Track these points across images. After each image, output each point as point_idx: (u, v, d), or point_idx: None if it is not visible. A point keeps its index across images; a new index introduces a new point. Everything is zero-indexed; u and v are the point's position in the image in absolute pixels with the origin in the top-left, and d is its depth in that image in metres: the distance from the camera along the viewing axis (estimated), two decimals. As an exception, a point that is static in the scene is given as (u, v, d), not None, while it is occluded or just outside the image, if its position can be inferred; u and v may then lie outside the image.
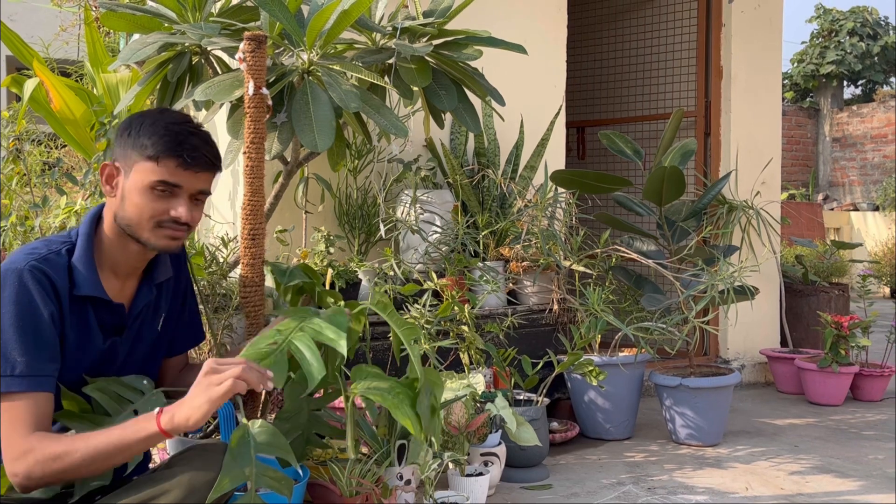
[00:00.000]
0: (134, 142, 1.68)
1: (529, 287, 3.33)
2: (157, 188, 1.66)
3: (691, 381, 3.20)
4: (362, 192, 3.23)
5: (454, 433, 2.41)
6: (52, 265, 1.62)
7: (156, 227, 1.68)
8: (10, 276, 1.57)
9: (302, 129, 2.22)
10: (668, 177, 3.30)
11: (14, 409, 1.53)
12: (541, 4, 3.86)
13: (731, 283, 3.12)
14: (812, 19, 14.73)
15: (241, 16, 2.53)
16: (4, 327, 1.55)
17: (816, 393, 4.00)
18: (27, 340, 1.55)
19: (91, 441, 1.51)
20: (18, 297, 1.56)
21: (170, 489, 1.51)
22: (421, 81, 2.44)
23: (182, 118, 1.74)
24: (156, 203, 1.67)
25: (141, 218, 1.67)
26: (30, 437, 1.52)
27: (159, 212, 1.67)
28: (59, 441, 1.52)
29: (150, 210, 1.66)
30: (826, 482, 2.78)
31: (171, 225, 1.69)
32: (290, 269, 2.09)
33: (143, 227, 1.68)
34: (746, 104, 4.51)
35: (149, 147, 1.66)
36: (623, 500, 2.58)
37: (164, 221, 1.68)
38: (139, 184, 1.66)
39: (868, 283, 4.44)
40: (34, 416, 1.54)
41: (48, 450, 1.50)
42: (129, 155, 1.68)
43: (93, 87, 3.52)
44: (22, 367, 1.54)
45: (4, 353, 1.54)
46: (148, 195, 1.66)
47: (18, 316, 1.56)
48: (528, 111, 3.66)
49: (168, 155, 1.66)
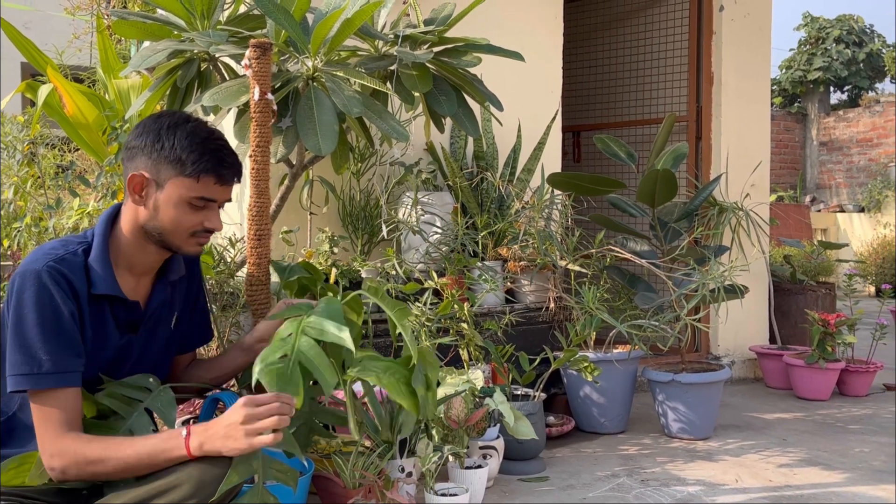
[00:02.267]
0: (169, 155, 1.68)
1: (527, 286, 3.33)
2: (196, 202, 1.70)
3: (683, 377, 3.20)
4: (365, 195, 3.23)
5: (454, 427, 2.40)
6: (69, 265, 1.62)
7: (191, 236, 1.73)
8: (30, 277, 1.58)
9: (306, 133, 2.22)
10: (661, 179, 3.30)
11: (46, 406, 1.55)
12: (538, 13, 3.86)
13: (722, 282, 3.12)
14: (800, 27, 14.72)
15: (247, 24, 2.53)
16: (29, 327, 1.55)
17: (804, 388, 4.00)
18: (51, 339, 1.56)
19: (122, 453, 1.53)
20: (39, 297, 1.57)
21: (181, 483, 1.51)
22: (422, 87, 2.44)
23: (212, 132, 1.75)
24: (192, 216, 1.71)
25: (177, 229, 1.70)
26: (65, 437, 1.54)
27: (195, 224, 1.71)
28: (92, 447, 1.54)
29: (188, 223, 1.70)
30: (813, 474, 2.78)
31: (203, 234, 1.74)
32: (291, 266, 2.09)
33: (179, 237, 1.71)
34: (736, 109, 4.51)
35: (188, 165, 1.68)
36: (617, 491, 2.58)
37: (198, 232, 1.73)
38: (176, 197, 1.69)
39: (854, 282, 4.44)
40: (65, 413, 1.56)
41: (82, 454, 1.53)
42: (164, 168, 1.68)
43: (105, 92, 3.52)
44: (48, 365, 1.55)
45: (31, 353, 1.54)
46: (184, 208, 1.69)
47: (41, 315, 1.56)
48: (525, 116, 3.66)
49: (209, 175, 1.69)
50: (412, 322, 2.53)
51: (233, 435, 1.50)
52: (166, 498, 1.51)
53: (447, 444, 2.37)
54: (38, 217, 3.20)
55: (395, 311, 1.85)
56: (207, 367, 1.96)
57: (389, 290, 2.81)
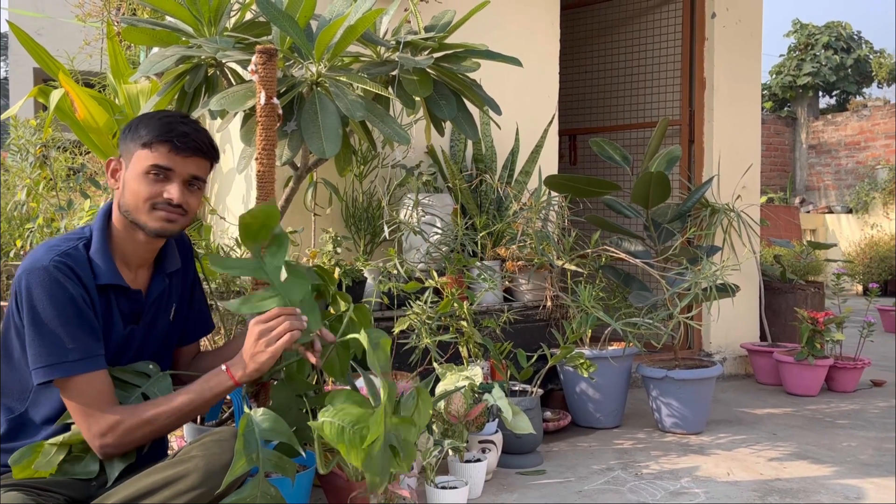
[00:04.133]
0: (133, 135, 1.73)
1: (524, 285, 3.32)
2: (152, 172, 1.70)
3: (676, 373, 3.20)
4: (367, 196, 3.23)
5: (454, 422, 2.40)
6: (73, 258, 1.64)
7: (151, 209, 1.71)
8: (38, 273, 1.59)
9: (311, 136, 2.22)
10: (655, 181, 3.30)
11: (81, 392, 1.58)
12: (535, 20, 3.86)
13: (714, 281, 3.12)
14: (789, 34, 14.72)
15: (253, 30, 2.53)
16: (47, 320, 1.56)
17: (793, 384, 4.00)
18: (73, 326, 1.58)
19: (174, 403, 1.62)
20: (52, 290, 1.58)
21: (188, 473, 1.53)
22: (422, 92, 2.44)
23: (177, 114, 1.79)
24: (151, 187, 1.70)
25: (137, 201, 1.70)
26: (109, 413, 1.59)
27: (154, 194, 1.70)
28: (142, 409, 1.61)
29: (145, 193, 1.69)
30: (802, 468, 2.78)
31: (165, 206, 1.71)
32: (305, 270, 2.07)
33: (140, 210, 1.70)
34: (728, 113, 4.51)
35: (143, 136, 1.70)
36: (612, 484, 2.58)
37: (159, 203, 1.70)
38: (136, 171, 1.71)
39: (842, 281, 4.44)
40: (102, 394, 1.60)
41: (138, 417, 1.60)
42: (129, 148, 1.73)
43: (115, 97, 3.52)
44: (76, 353, 1.57)
45: (55, 343, 1.56)
46: (143, 180, 1.69)
47: (57, 307, 1.57)
48: (523, 120, 3.66)
49: (160, 140, 1.70)
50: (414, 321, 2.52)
51: (258, 351, 1.64)
52: (175, 487, 1.52)
53: (447, 438, 2.37)
54: (50, 218, 3.20)
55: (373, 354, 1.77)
56: (214, 358, 1.97)
57: (391, 289, 2.81)
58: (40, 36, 4.11)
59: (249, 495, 1.54)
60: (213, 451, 1.56)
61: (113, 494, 1.54)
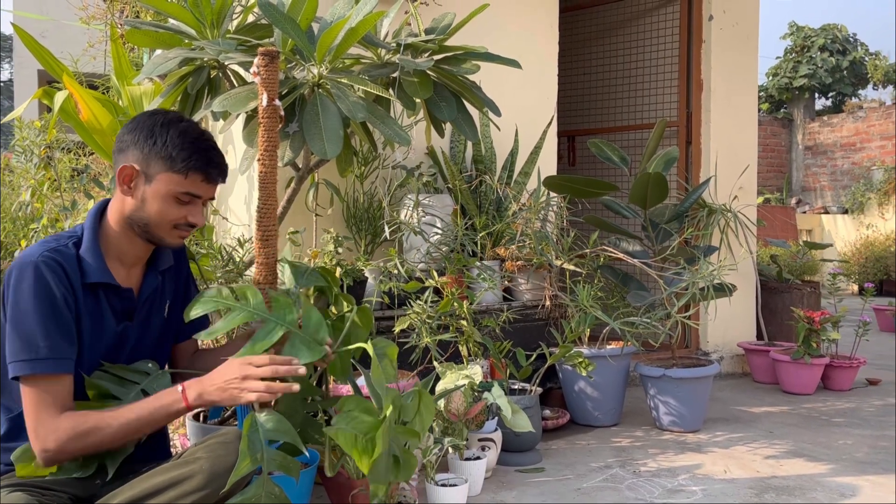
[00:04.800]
0: (161, 152, 1.71)
1: (524, 284, 3.32)
2: (181, 198, 1.73)
3: (674, 372, 3.20)
4: (368, 197, 3.23)
5: (454, 420, 2.40)
6: (62, 255, 1.65)
7: (173, 229, 1.75)
8: (28, 267, 1.59)
9: (312, 137, 2.22)
10: (653, 182, 3.30)
11: (42, 389, 1.56)
12: (534, 22, 3.86)
13: (711, 281, 3.12)
14: (786, 36, 14.72)
15: (255, 33, 2.53)
16: (28, 316, 1.56)
17: (790, 383, 4.00)
18: (48, 326, 1.57)
19: (121, 417, 1.57)
20: (37, 286, 1.58)
21: (194, 474, 1.53)
22: (423, 94, 2.44)
23: (202, 132, 1.78)
24: (177, 210, 1.73)
25: (162, 221, 1.73)
26: (60, 417, 1.55)
27: (179, 217, 1.74)
28: (89, 417, 1.57)
29: (172, 216, 1.73)
30: (799, 465, 2.78)
31: (185, 228, 1.77)
32: (308, 271, 2.04)
33: (163, 229, 1.74)
34: (725, 115, 4.51)
35: (178, 162, 1.71)
36: (610, 482, 2.58)
37: (181, 225, 1.76)
38: (163, 192, 1.71)
39: (838, 280, 4.44)
40: (61, 396, 1.57)
41: (82, 425, 1.55)
42: (154, 163, 1.71)
43: (118, 98, 3.52)
44: (45, 351, 1.56)
45: (30, 339, 1.55)
46: (170, 202, 1.72)
47: (39, 303, 1.57)
48: (522, 121, 3.66)
49: (198, 171, 1.73)
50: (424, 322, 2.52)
51: (227, 387, 1.60)
52: (180, 488, 1.52)
53: (447, 436, 2.37)
54: (55, 218, 3.20)
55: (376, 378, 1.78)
56: (213, 356, 1.97)
57: (392, 288, 2.81)
58: (44, 38, 4.11)
59: (254, 495, 1.54)
60: (218, 452, 1.56)
61: (118, 494, 1.54)
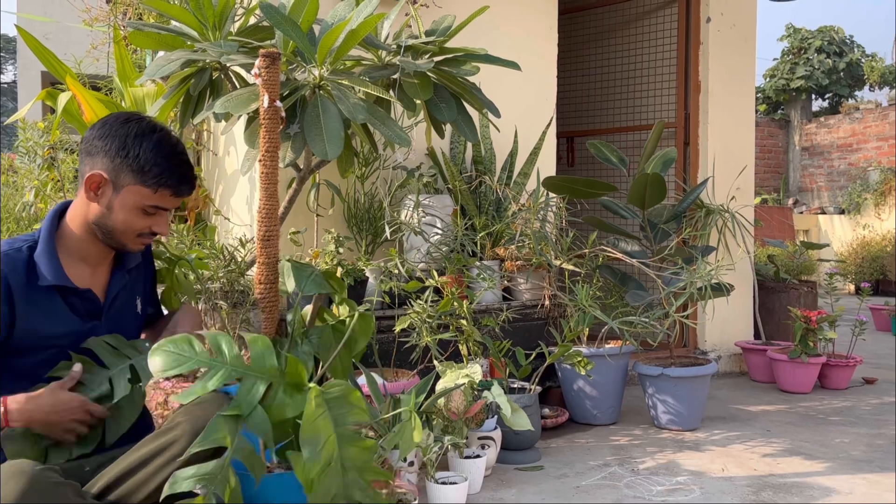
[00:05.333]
0: (132, 164, 1.71)
1: (523, 284, 3.32)
2: (147, 209, 1.75)
3: (672, 371, 3.20)
4: (369, 197, 3.23)
5: (454, 419, 2.40)
6: (8, 260, 1.67)
7: (137, 237, 1.78)
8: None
9: (313, 138, 2.22)
10: (651, 183, 3.30)
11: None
12: (533, 24, 3.86)
13: (709, 281, 3.12)
14: (783, 38, 14.71)
15: (257, 35, 2.53)
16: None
17: (787, 382, 4.00)
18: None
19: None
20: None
21: (177, 439, 1.56)
22: (423, 95, 2.44)
23: (175, 145, 1.77)
24: (143, 221, 1.76)
25: (127, 230, 1.75)
26: None
27: (144, 227, 1.76)
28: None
29: (138, 226, 1.75)
30: (796, 464, 2.78)
31: (149, 236, 1.80)
32: (312, 275, 1.99)
33: (127, 237, 1.76)
34: (722, 116, 4.51)
35: (150, 177, 1.72)
36: (609, 480, 2.58)
37: (145, 234, 1.78)
38: (131, 203, 1.73)
39: (834, 280, 4.44)
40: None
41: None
42: (124, 174, 1.72)
43: (121, 100, 3.52)
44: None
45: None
46: (139, 214, 1.74)
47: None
48: (521, 122, 3.66)
49: (167, 188, 1.74)
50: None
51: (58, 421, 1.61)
52: (165, 455, 1.55)
53: (447, 434, 2.37)
54: (58, 219, 3.19)
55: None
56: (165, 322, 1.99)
57: (392, 288, 2.81)
58: (48, 40, 4.11)
59: (209, 473, 1.47)
60: (196, 414, 1.59)
61: (105, 475, 1.56)
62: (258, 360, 1.65)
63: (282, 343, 1.91)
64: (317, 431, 1.51)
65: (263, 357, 1.66)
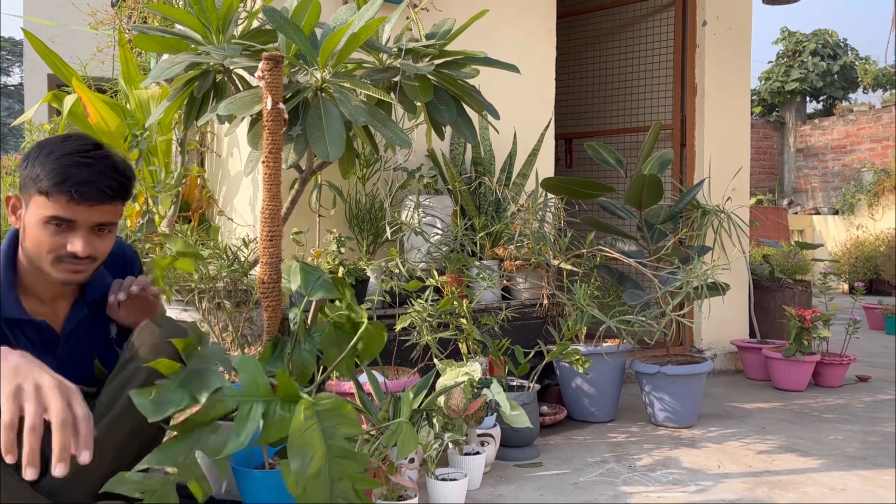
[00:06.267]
0: (30, 172, 1.51)
1: (522, 284, 3.33)
2: (52, 223, 1.50)
3: (668, 369, 3.20)
4: (370, 198, 3.23)
5: (454, 416, 2.40)
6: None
7: (55, 261, 1.52)
8: None
9: (315, 140, 2.22)
10: (648, 184, 3.30)
11: None
12: (532, 28, 3.86)
13: (705, 280, 3.12)
14: (778, 41, 14.72)
15: (260, 38, 2.53)
16: None
17: (782, 380, 4.00)
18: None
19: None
20: None
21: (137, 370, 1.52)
22: (423, 97, 2.44)
23: (79, 147, 1.53)
24: (53, 238, 1.50)
25: (40, 252, 1.51)
26: None
27: (56, 246, 1.51)
28: None
29: (47, 245, 1.50)
30: (790, 460, 2.78)
31: (70, 259, 1.52)
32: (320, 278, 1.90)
33: (44, 261, 1.52)
34: (718, 118, 4.51)
35: (42, 180, 1.49)
36: (606, 476, 2.58)
37: (63, 256, 1.52)
38: (35, 218, 1.51)
39: (828, 280, 4.44)
40: None
41: None
42: (28, 186, 1.52)
43: (126, 102, 3.52)
44: None
45: None
46: (44, 229, 1.50)
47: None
48: (520, 124, 3.66)
49: (57, 190, 1.48)
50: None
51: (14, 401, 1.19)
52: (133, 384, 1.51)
53: (447, 431, 2.37)
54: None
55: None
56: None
57: (393, 287, 2.81)
58: (54, 43, 4.11)
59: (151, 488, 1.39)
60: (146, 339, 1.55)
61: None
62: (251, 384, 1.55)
63: (285, 342, 1.91)
64: (305, 444, 1.47)
65: (256, 380, 1.55)
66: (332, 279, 1.94)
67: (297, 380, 1.85)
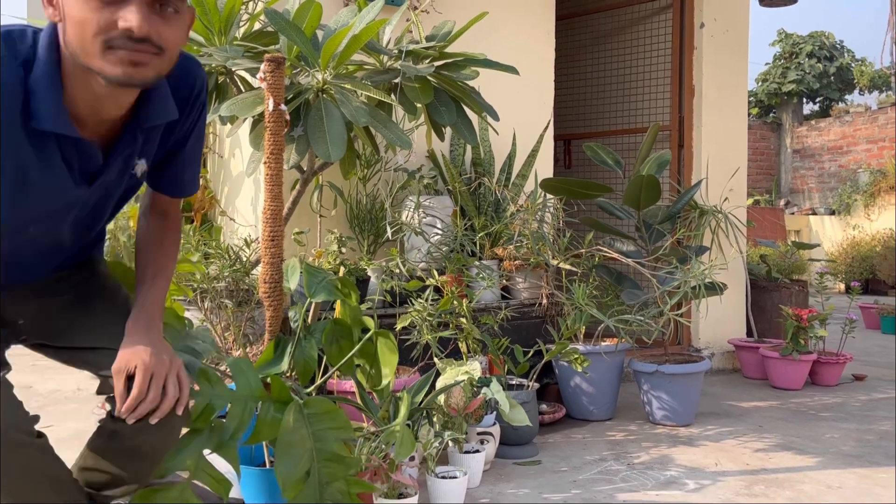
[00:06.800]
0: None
1: (521, 283, 3.33)
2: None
3: (666, 368, 3.20)
4: (371, 199, 3.23)
5: (454, 414, 2.41)
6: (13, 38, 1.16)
7: (105, 48, 1.14)
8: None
9: (317, 141, 2.22)
10: (646, 184, 3.31)
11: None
12: (531, 30, 3.86)
13: (702, 280, 3.12)
14: (775, 43, 14.72)
15: (262, 40, 2.53)
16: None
17: (779, 378, 4.00)
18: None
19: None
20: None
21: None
22: (424, 99, 2.44)
23: None
24: (99, 13, 1.13)
25: (84, 38, 1.13)
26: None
27: (105, 24, 1.13)
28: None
29: (93, 24, 1.13)
30: (787, 458, 2.79)
31: (125, 43, 1.14)
32: (324, 281, 1.88)
33: (91, 52, 1.14)
34: (716, 119, 4.51)
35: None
36: (605, 474, 2.58)
37: (114, 39, 1.14)
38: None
39: (825, 279, 4.44)
40: None
41: None
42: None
43: (129, 103, 3.51)
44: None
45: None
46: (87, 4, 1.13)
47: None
48: (519, 125, 3.66)
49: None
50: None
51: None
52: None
53: (447, 430, 2.37)
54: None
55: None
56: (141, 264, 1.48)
57: (393, 287, 2.81)
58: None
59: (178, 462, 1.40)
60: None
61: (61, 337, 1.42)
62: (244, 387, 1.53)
63: (287, 341, 1.91)
64: (292, 447, 1.46)
65: (250, 384, 1.54)
66: (339, 280, 1.92)
67: (299, 379, 1.85)
